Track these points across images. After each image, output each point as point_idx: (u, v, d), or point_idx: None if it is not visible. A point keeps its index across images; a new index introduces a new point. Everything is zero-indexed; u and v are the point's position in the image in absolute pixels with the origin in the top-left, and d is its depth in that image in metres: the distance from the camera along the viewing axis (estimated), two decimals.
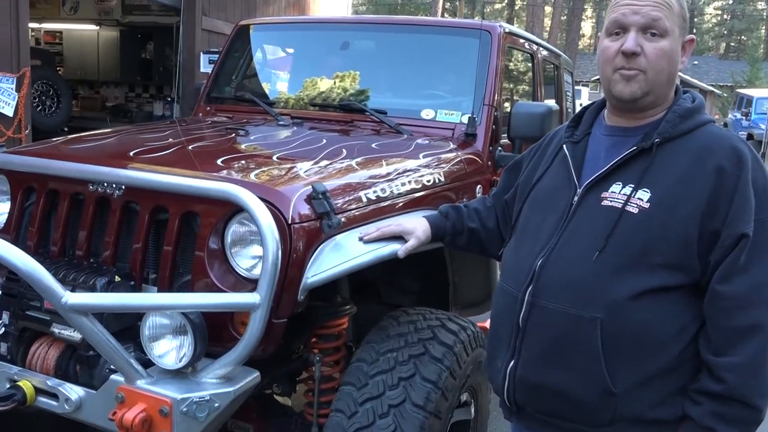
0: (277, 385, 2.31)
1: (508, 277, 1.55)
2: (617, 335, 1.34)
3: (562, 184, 1.51)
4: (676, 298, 1.34)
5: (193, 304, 1.72)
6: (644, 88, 1.41)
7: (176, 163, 2.09)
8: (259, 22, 3.82)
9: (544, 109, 2.81)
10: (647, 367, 1.34)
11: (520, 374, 1.46)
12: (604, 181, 1.43)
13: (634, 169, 1.40)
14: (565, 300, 1.39)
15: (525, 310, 1.44)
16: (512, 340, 1.48)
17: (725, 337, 1.31)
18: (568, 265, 1.40)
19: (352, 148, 2.47)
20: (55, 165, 2.04)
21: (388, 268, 2.22)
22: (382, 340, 2.04)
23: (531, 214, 1.58)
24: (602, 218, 1.39)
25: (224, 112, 3.29)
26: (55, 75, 9.02)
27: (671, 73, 1.43)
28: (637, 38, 1.39)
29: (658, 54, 1.39)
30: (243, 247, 1.86)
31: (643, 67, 1.40)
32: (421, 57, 3.23)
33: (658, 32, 1.39)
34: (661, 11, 1.39)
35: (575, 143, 1.55)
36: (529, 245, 1.51)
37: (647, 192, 1.36)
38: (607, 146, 1.48)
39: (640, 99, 1.42)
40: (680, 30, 1.42)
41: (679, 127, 1.41)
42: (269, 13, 9.60)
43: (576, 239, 1.42)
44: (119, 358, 1.69)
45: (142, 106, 10.49)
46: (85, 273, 1.90)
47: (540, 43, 3.93)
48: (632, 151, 1.41)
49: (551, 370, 1.41)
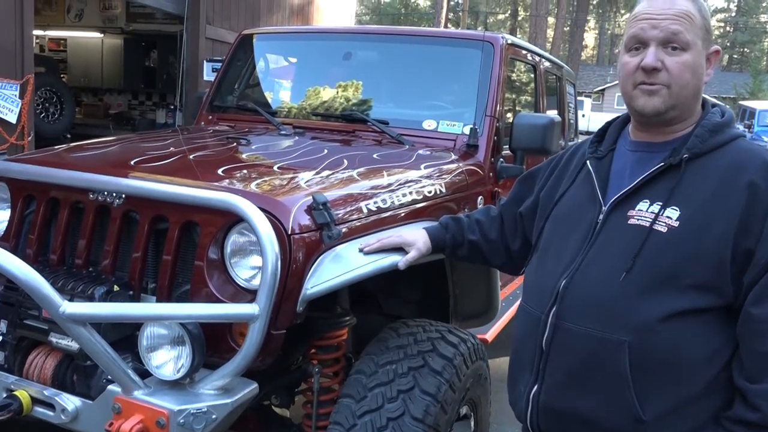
0: (275, 397, 2.30)
1: (531, 297, 1.51)
2: (646, 359, 1.29)
3: (586, 201, 1.46)
4: (708, 320, 1.29)
5: (191, 315, 1.71)
6: (668, 102, 1.37)
7: (177, 172, 2.09)
8: (262, 31, 3.83)
9: (546, 120, 2.80)
10: (678, 392, 1.29)
11: (544, 399, 1.41)
12: (631, 199, 1.38)
13: (662, 186, 1.35)
14: (591, 322, 1.34)
15: (549, 332, 1.40)
16: (535, 363, 1.43)
17: (759, 363, 1.25)
18: (594, 286, 1.36)
19: (354, 159, 2.46)
20: (55, 173, 2.04)
21: (388, 279, 2.21)
22: (382, 352, 2.02)
23: (554, 232, 1.53)
24: (629, 237, 1.34)
25: (226, 120, 3.29)
26: (59, 82, 9.05)
27: (696, 86, 1.39)
28: (658, 53, 1.35)
29: (680, 68, 1.35)
30: (242, 257, 1.85)
31: (665, 82, 1.36)
32: (423, 68, 3.23)
33: (679, 46, 1.35)
34: (682, 24, 1.34)
35: (599, 159, 1.49)
36: (551, 265, 1.46)
37: (676, 210, 1.31)
38: (632, 162, 1.44)
39: (665, 113, 1.38)
40: (703, 42, 1.38)
41: (708, 142, 1.35)
42: (273, 22, 9.64)
43: (601, 259, 1.37)
44: (116, 369, 1.68)
45: (145, 113, 10.51)
46: (84, 282, 1.90)
47: (542, 54, 3.94)
48: (660, 167, 1.36)
49: (577, 395, 1.36)
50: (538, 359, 1.42)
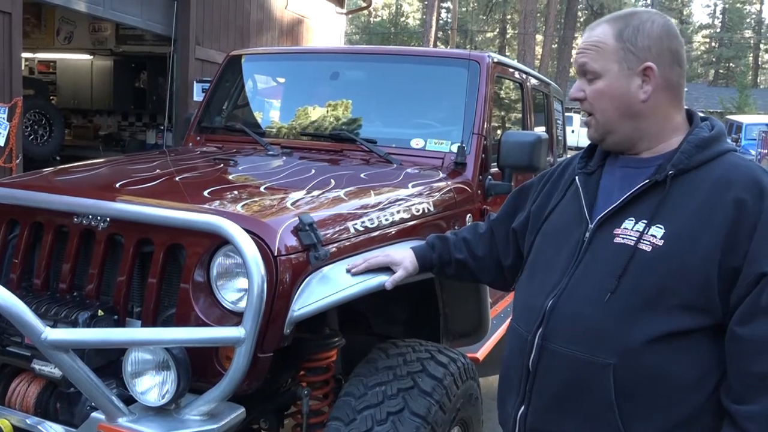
0: (264, 420, 2.26)
1: (519, 317, 1.49)
2: (632, 383, 1.26)
3: (573, 218, 1.45)
4: (697, 341, 1.26)
5: (175, 339, 1.68)
6: (599, 130, 1.44)
7: (162, 195, 2.08)
8: (249, 52, 3.84)
9: (534, 137, 2.81)
10: (666, 417, 1.26)
11: (531, 421, 1.40)
12: (617, 216, 1.36)
13: (648, 203, 1.33)
14: (576, 344, 1.32)
15: (535, 353, 1.38)
16: (522, 384, 1.42)
17: (746, 384, 1.22)
18: (579, 307, 1.33)
19: (341, 178, 2.46)
20: (38, 197, 2.02)
21: (377, 299, 2.19)
22: (371, 374, 2.00)
23: (542, 249, 1.52)
24: (614, 256, 1.32)
25: (214, 141, 3.28)
26: (48, 104, 9.04)
27: (621, 108, 1.38)
28: (581, 84, 1.45)
29: (594, 96, 1.41)
30: (229, 279, 1.83)
31: (589, 110, 1.44)
32: (410, 87, 3.25)
33: (592, 75, 1.41)
34: (588, 56, 1.41)
35: (588, 175, 1.49)
36: (539, 283, 1.45)
37: (661, 228, 1.29)
38: (620, 179, 1.42)
39: (604, 140, 1.45)
40: (622, 63, 1.37)
41: (695, 157, 1.33)
42: (262, 43, 9.69)
43: (587, 279, 1.35)
44: (100, 396, 1.65)
45: (135, 134, 10.51)
46: (67, 307, 1.87)
47: (529, 72, 3.96)
48: (645, 185, 1.34)
49: (562, 418, 1.34)
50: (525, 380, 1.41)
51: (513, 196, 1.84)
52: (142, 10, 7.65)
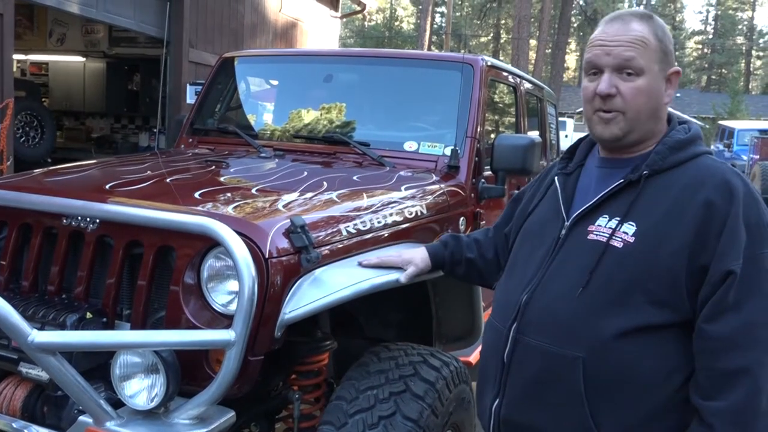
0: (255, 424, 2.23)
1: (497, 312, 1.52)
2: (601, 376, 1.29)
3: (551, 217, 1.48)
4: (666, 337, 1.28)
5: (165, 342, 1.66)
6: (624, 128, 1.39)
7: (153, 196, 2.06)
8: (242, 54, 3.83)
9: (527, 141, 2.81)
10: (634, 411, 1.28)
11: (504, 413, 1.42)
12: (592, 214, 1.39)
13: (622, 201, 1.36)
14: (547, 337, 1.35)
15: (509, 346, 1.41)
16: (497, 377, 1.44)
17: (712, 380, 1.25)
18: (552, 301, 1.37)
19: (333, 181, 2.45)
20: (27, 198, 2.00)
21: (370, 302, 2.18)
22: (362, 377, 1.98)
23: (521, 247, 1.56)
24: (587, 252, 1.35)
25: (206, 144, 3.26)
26: (40, 106, 8.98)
27: (653, 109, 1.40)
28: (612, 79, 1.37)
29: (634, 93, 1.36)
30: (219, 282, 1.81)
31: (620, 108, 1.37)
32: (403, 90, 3.24)
33: (633, 71, 1.36)
34: (635, 50, 1.36)
35: (567, 175, 1.52)
36: (516, 279, 1.48)
37: (632, 226, 1.32)
38: (597, 178, 1.45)
39: (623, 139, 1.40)
40: (660, 64, 1.39)
41: (669, 159, 1.36)
42: (257, 45, 9.67)
43: (561, 274, 1.38)
44: (87, 399, 1.63)
45: (128, 137, 10.46)
46: (56, 309, 1.84)
47: (522, 76, 3.96)
48: (620, 184, 1.37)
49: (534, 409, 1.36)
50: (500, 373, 1.43)
51: (510, 202, 1.87)
52: (135, 12, 7.62)
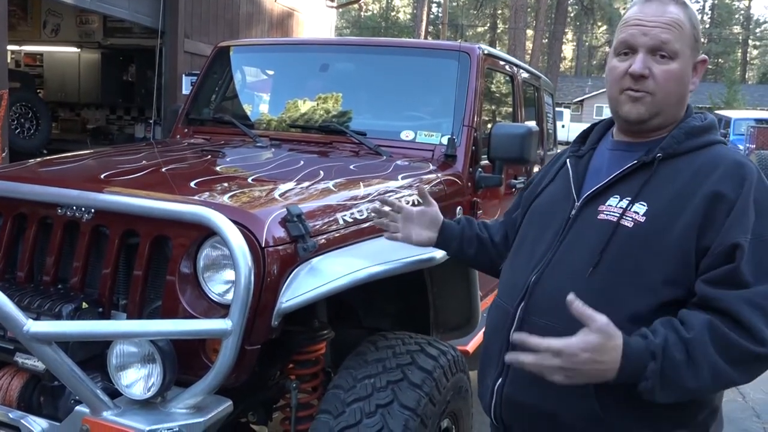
0: (252, 414, 2.24)
1: (503, 292, 1.51)
2: None
3: (561, 197, 1.47)
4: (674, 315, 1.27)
5: (161, 332, 1.66)
6: (651, 110, 1.37)
7: (148, 186, 2.04)
8: (238, 43, 3.80)
9: (524, 130, 2.80)
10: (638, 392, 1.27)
11: (507, 392, 1.42)
12: (603, 195, 1.39)
13: (634, 183, 1.35)
14: (556, 317, 1.33)
15: (516, 326, 1.40)
16: (502, 356, 1.41)
17: None
18: (562, 281, 1.35)
19: (330, 170, 2.44)
20: (21, 188, 1.98)
21: (367, 292, 2.18)
22: (360, 366, 1.98)
23: (529, 227, 1.54)
24: (597, 232, 1.34)
25: (202, 133, 3.25)
26: (35, 97, 8.93)
27: (681, 95, 1.39)
28: (646, 60, 1.34)
29: (667, 77, 1.35)
30: (215, 271, 1.81)
31: (651, 90, 1.36)
32: (400, 79, 3.22)
33: (667, 54, 1.34)
34: (672, 33, 1.34)
35: (579, 157, 1.51)
36: (525, 260, 1.47)
37: (644, 205, 1.31)
38: (609, 160, 1.45)
39: (648, 120, 1.39)
40: (691, 51, 1.38)
41: (684, 144, 1.36)
42: (252, 35, 9.62)
43: (571, 254, 1.37)
44: (84, 389, 1.63)
45: (124, 128, 10.41)
46: (51, 299, 1.84)
47: (519, 65, 3.95)
48: (633, 165, 1.37)
49: (538, 389, 1.34)
50: (505, 352, 1.40)
51: (519, 192, 1.85)
52: (129, 2, 7.57)
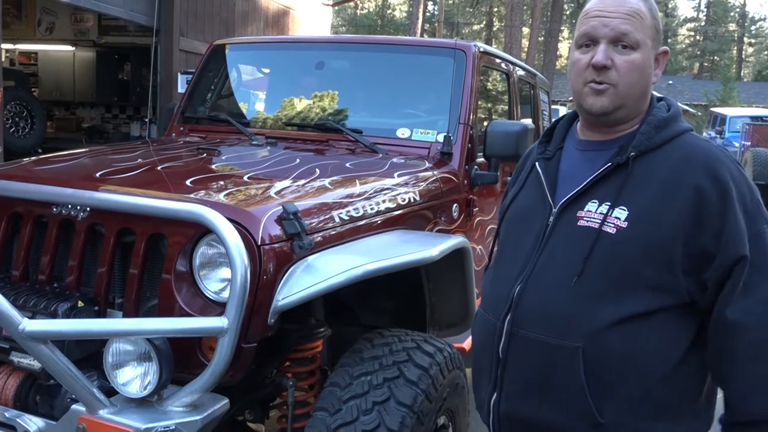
0: (249, 412, 2.24)
1: (487, 304, 1.49)
2: (600, 364, 1.27)
3: (536, 203, 1.45)
4: (663, 321, 1.28)
5: (157, 330, 1.66)
6: (615, 102, 1.36)
7: (143, 184, 2.04)
8: (233, 41, 3.80)
9: (520, 127, 2.80)
10: (635, 396, 1.28)
11: (504, 408, 1.40)
12: (580, 199, 1.37)
13: (611, 185, 1.33)
14: (545, 329, 1.32)
15: (504, 340, 1.38)
16: (493, 371, 1.41)
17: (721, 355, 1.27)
18: (547, 292, 1.34)
19: (326, 168, 2.44)
20: (16, 187, 1.98)
21: (363, 289, 2.18)
22: (356, 363, 1.98)
23: (507, 236, 1.52)
24: (579, 240, 1.32)
25: (198, 132, 3.24)
26: (29, 96, 8.89)
27: (643, 86, 1.38)
28: (608, 51, 1.34)
29: (629, 67, 1.34)
30: (212, 269, 1.81)
31: (613, 81, 1.35)
32: (396, 76, 3.22)
33: (628, 45, 1.34)
34: (632, 23, 1.34)
35: (548, 159, 1.48)
36: (506, 270, 1.45)
37: (624, 210, 1.30)
38: (581, 161, 1.43)
39: (612, 113, 1.37)
40: (653, 42, 1.38)
41: (655, 138, 1.35)
42: (248, 33, 9.59)
43: (553, 263, 1.35)
44: (80, 388, 1.63)
45: (119, 127, 10.37)
46: (47, 298, 1.84)
47: (515, 63, 3.95)
48: (608, 167, 1.35)
49: (535, 403, 1.34)
50: (496, 367, 1.41)
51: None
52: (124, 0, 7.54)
